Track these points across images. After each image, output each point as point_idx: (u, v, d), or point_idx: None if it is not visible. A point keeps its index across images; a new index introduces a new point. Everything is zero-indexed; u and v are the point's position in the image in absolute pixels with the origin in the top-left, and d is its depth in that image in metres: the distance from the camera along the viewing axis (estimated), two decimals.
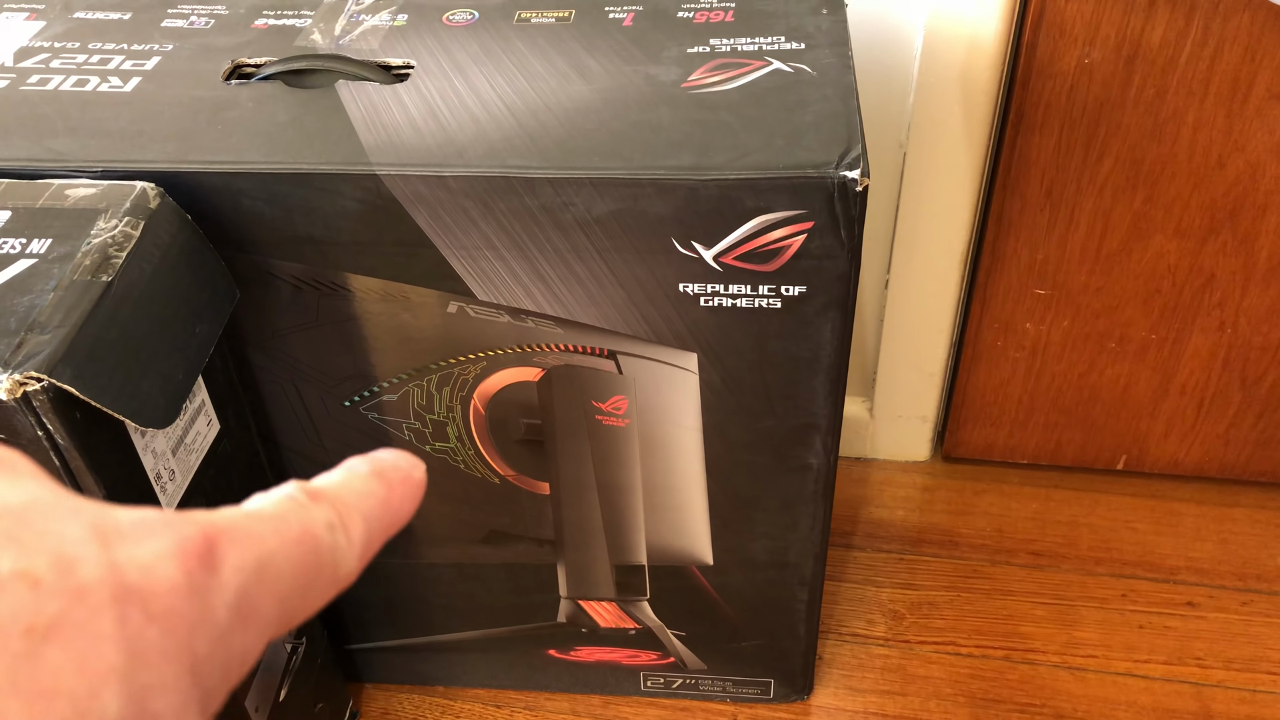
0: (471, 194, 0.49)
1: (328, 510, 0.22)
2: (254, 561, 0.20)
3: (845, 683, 0.79)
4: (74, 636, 0.17)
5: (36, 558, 0.17)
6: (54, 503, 0.19)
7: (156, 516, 0.19)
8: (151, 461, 0.47)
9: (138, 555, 0.18)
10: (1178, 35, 0.67)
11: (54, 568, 0.17)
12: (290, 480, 0.22)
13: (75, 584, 0.17)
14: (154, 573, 0.18)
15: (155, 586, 0.18)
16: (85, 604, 0.17)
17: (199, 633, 0.18)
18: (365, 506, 0.22)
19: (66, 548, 0.17)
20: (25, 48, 0.59)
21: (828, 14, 0.58)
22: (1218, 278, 0.79)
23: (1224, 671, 0.79)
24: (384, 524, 0.23)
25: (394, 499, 0.23)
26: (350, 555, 0.22)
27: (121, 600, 0.17)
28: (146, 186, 0.48)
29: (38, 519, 0.18)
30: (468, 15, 0.60)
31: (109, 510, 0.19)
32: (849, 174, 0.46)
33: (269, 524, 0.20)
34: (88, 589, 0.17)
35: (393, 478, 0.23)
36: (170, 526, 0.19)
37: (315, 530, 0.21)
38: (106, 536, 0.18)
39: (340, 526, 0.22)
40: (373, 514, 0.23)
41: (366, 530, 0.22)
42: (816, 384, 0.56)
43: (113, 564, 0.18)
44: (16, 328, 0.41)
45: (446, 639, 0.75)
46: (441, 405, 0.59)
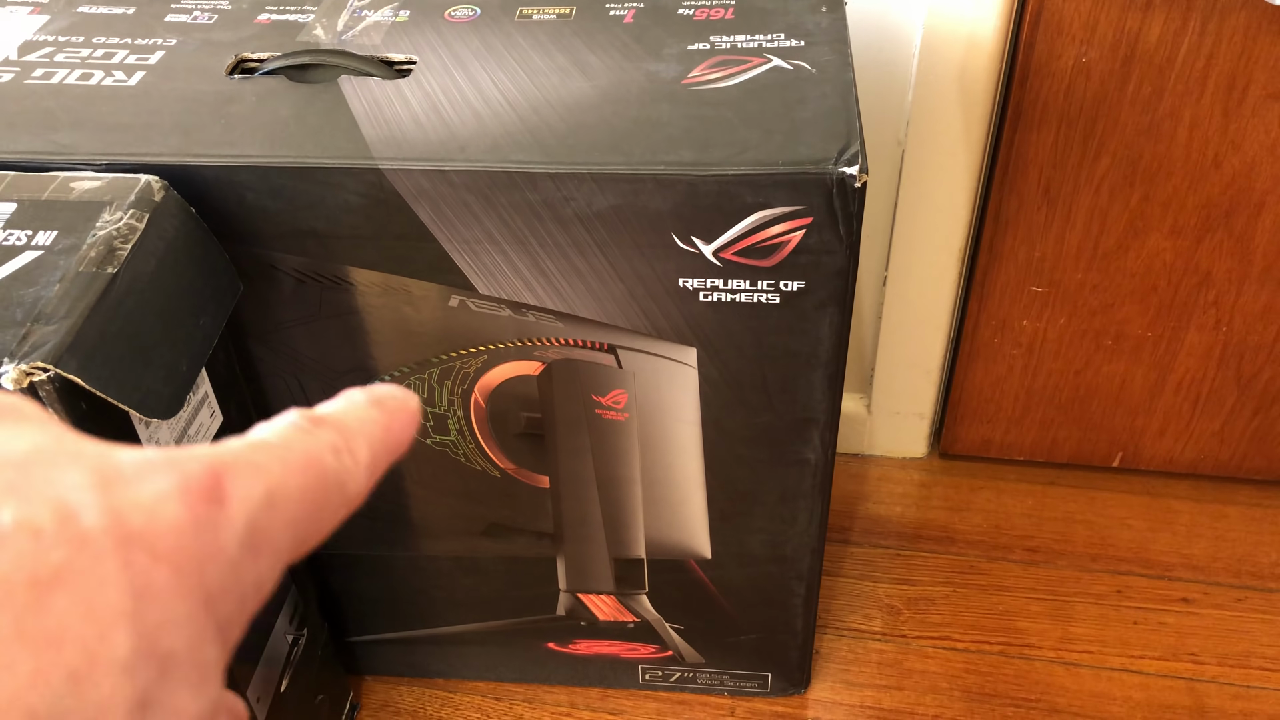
0: (473, 188, 0.49)
1: (332, 434, 0.22)
2: (262, 491, 0.20)
3: (842, 677, 0.80)
4: (79, 583, 0.17)
5: (38, 508, 0.17)
6: (56, 449, 0.19)
7: (160, 456, 0.19)
8: None
9: (140, 497, 0.18)
10: (1174, 34, 0.68)
11: (55, 517, 0.17)
12: (291, 409, 0.22)
13: (77, 532, 0.17)
14: (158, 513, 0.18)
15: (160, 527, 0.18)
16: (88, 551, 0.17)
17: (209, 567, 0.19)
18: (368, 430, 0.23)
19: (68, 495, 0.18)
20: (30, 41, 0.59)
21: (827, 11, 0.58)
22: (1213, 276, 0.80)
23: (1218, 667, 0.80)
24: (386, 448, 0.23)
25: (394, 425, 0.23)
26: (357, 476, 0.22)
27: (125, 544, 0.18)
28: (151, 179, 0.48)
29: (39, 467, 0.18)
30: (469, 11, 0.60)
31: (112, 452, 0.19)
32: (848, 170, 0.47)
33: (275, 452, 0.21)
34: (90, 536, 0.17)
35: (391, 405, 0.24)
36: (174, 465, 0.19)
37: (321, 454, 0.21)
38: (108, 481, 0.18)
39: (346, 449, 0.22)
40: (375, 438, 0.23)
41: (371, 453, 0.22)
42: (815, 379, 0.56)
43: (114, 509, 0.18)
44: (22, 319, 0.41)
45: (446, 632, 0.75)
46: (442, 399, 0.59)
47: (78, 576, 0.17)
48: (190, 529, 0.18)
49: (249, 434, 0.21)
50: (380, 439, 0.23)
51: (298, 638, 0.66)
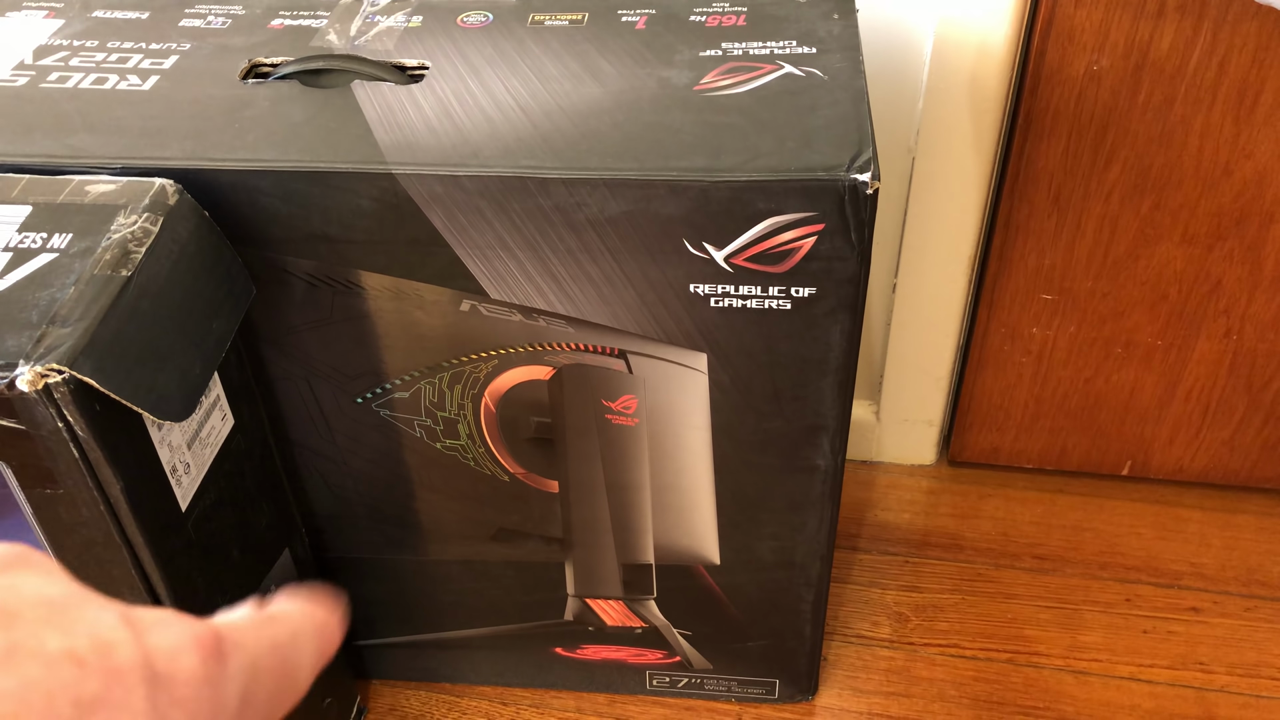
0: (486, 194, 0.49)
1: (286, 627, 0.25)
2: (249, 659, 0.23)
3: (850, 684, 0.79)
4: (112, 712, 0.19)
5: (80, 640, 0.19)
6: (84, 596, 0.21)
7: (170, 614, 0.22)
8: (167, 455, 0.48)
9: (163, 644, 0.21)
10: (1186, 43, 0.68)
11: (95, 650, 0.19)
12: (247, 603, 0.25)
13: (114, 665, 0.19)
14: (178, 661, 0.21)
15: (179, 674, 0.20)
16: (122, 683, 0.19)
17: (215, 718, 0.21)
18: (309, 631, 0.26)
19: (104, 633, 0.20)
20: (44, 45, 0.59)
21: (839, 19, 0.59)
22: (1224, 284, 0.79)
23: (1227, 676, 0.79)
24: (321, 653, 0.26)
25: (324, 638, 0.26)
26: (304, 670, 0.25)
27: (151, 683, 0.20)
28: (165, 183, 0.48)
29: (74, 608, 0.20)
30: (482, 17, 0.61)
31: (131, 606, 0.21)
32: (860, 177, 0.47)
33: (249, 633, 0.23)
34: (124, 670, 0.20)
35: (321, 620, 0.27)
36: (183, 622, 0.22)
37: (281, 641, 0.24)
38: (135, 625, 0.20)
39: (296, 643, 0.25)
40: (314, 639, 0.26)
41: (313, 652, 0.26)
42: (825, 385, 0.56)
43: (144, 649, 0.20)
44: (38, 321, 0.42)
45: (454, 636, 0.75)
46: (453, 403, 0.59)
47: (113, 705, 0.19)
48: (203, 680, 0.21)
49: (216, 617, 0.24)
50: (316, 644, 0.26)
51: None
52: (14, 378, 0.40)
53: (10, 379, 0.40)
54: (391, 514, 0.66)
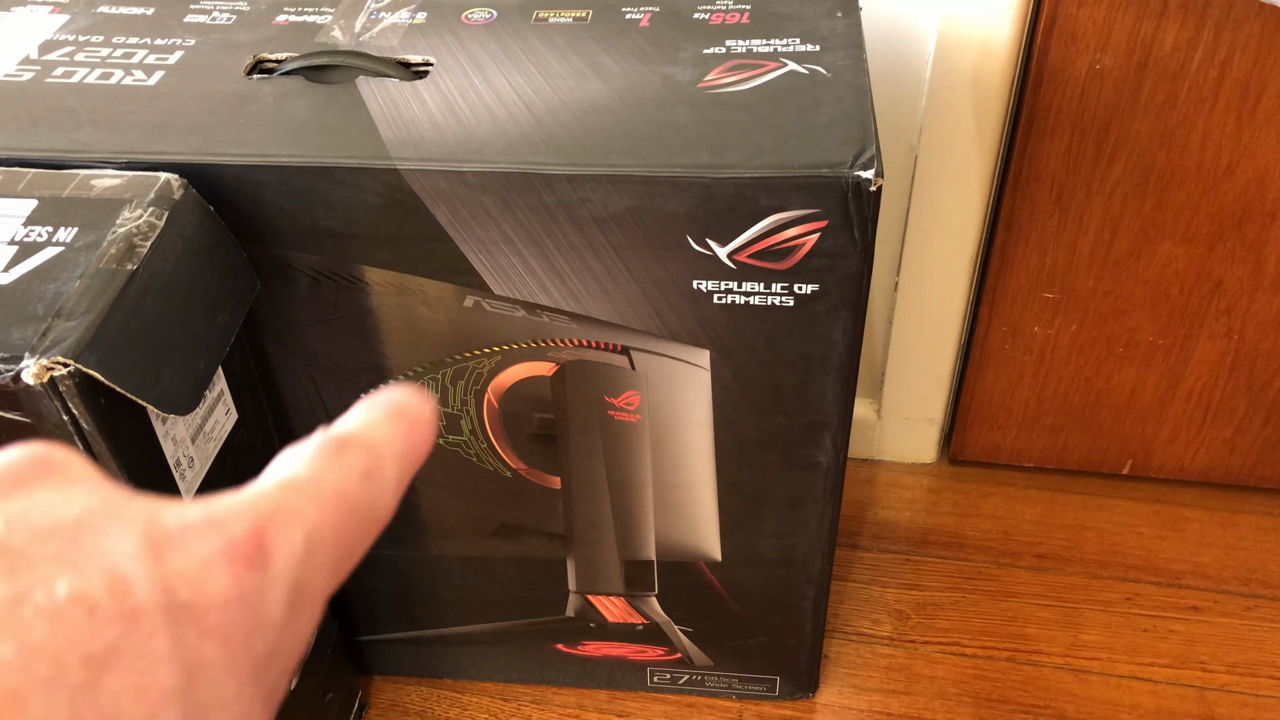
0: (490, 189, 0.50)
1: (360, 457, 0.21)
2: (302, 542, 0.20)
3: (850, 681, 0.80)
4: (131, 662, 0.17)
5: (92, 579, 0.17)
6: (105, 512, 0.18)
7: (204, 516, 0.19)
8: (171, 448, 0.48)
9: (189, 566, 0.18)
10: (1188, 42, 0.68)
11: (109, 590, 0.17)
12: (318, 430, 0.22)
13: (130, 607, 0.17)
14: (206, 584, 0.18)
15: (208, 599, 0.18)
16: (141, 628, 0.17)
17: (255, 637, 0.19)
18: (393, 446, 0.22)
19: (120, 566, 0.17)
20: (50, 41, 0.60)
21: (842, 17, 0.59)
22: (1225, 284, 0.79)
23: (1227, 675, 0.80)
24: (411, 461, 0.23)
25: (416, 435, 0.23)
26: (387, 497, 0.22)
27: (176, 619, 0.18)
28: (170, 178, 0.48)
29: (89, 535, 0.18)
30: (486, 14, 0.61)
31: (159, 512, 0.19)
32: (863, 174, 0.47)
33: (309, 493, 0.20)
34: (142, 611, 0.17)
35: (411, 415, 0.23)
36: (218, 527, 0.19)
37: (352, 484, 0.21)
38: (157, 547, 0.18)
39: (375, 471, 0.22)
40: (400, 452, 0.23)
41: (398, 469, 0.22)
42: (827, 382, 0.56)
43: (165, 581, 0.18)
44: (44, 314, 0.42)
45: (455, 632, 0.75)
46: (456, 399, 0.59)
47: (130, 655, 0.17)
48: (237, 600, 0.18)
49: (277, 468, 0.21)
50: (405, 453, 0.23)
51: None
52: (19, 370, 0.40)
53: (16, 372, 0.40)
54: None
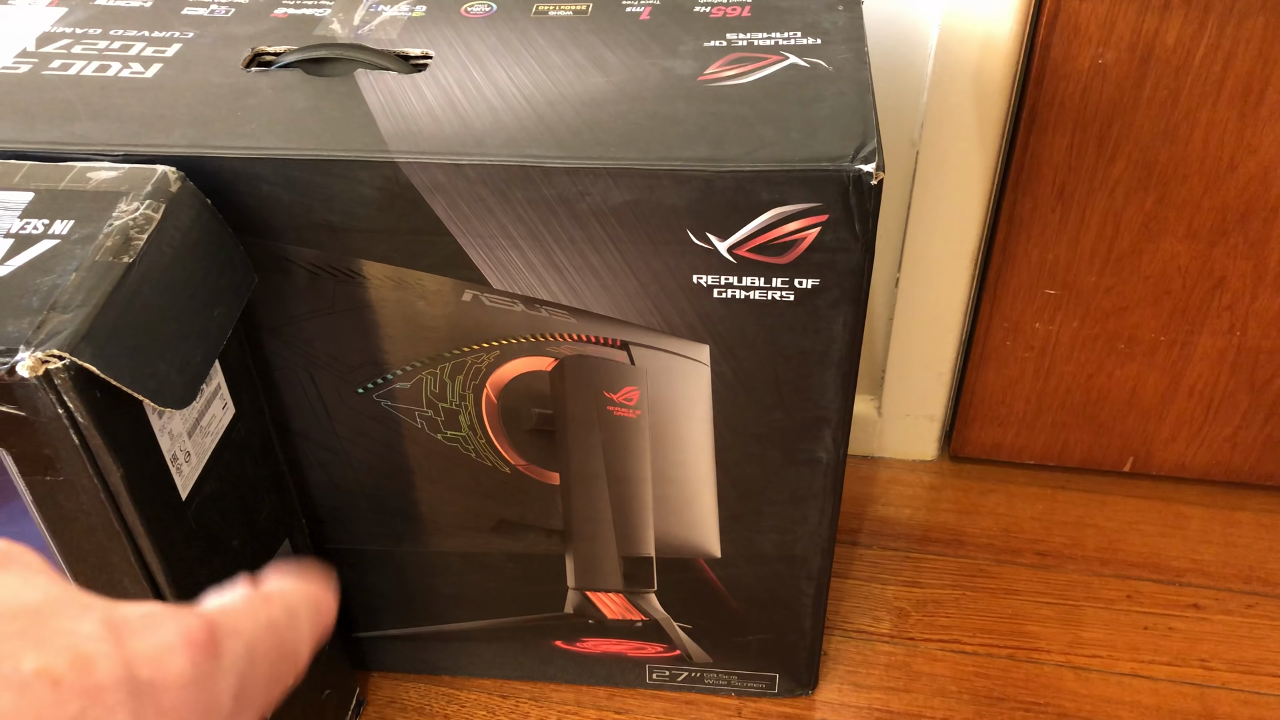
0: (489, 183, 0.49)
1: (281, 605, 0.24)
2: (245, 646, 0.21)
3: (850, 678, 0.79)
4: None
5: (56, 656, 0.18)
6: (67, 599, 0.20)
7: (160, 609, 0.21)
8: (168, 443, 0.48)
9: (148, 648, 0.19)
10: (1192, 37, 0.68)
11: (73, 666, 0.18)
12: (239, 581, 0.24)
13: (93, 682, 0.18)
14: (164, 665, 0.19)
15: (166, 679, 0.19)
16: (103, 702, 0.18)
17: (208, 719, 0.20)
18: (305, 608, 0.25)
19: (83, 645, 0.19)
20: (48, 33, 0.59)
21: (844, 10, 0.58)
22: (1228, 280, 0.79)
23: (1228, 673, 0.79)
24: (318, 629, 0.25)
25: (320, 614, 0.26)
26: (302, 647, 0.24)
27: (135, 696, 0.19)
28: (167, 170, 0.48)
29: (53, 617, 0.19)
30: (486, 7, 0.60)
31: (116, 604, 0.20)
32: (864, 167, 0.47)
33: (245, 614, 0.22)
34: (104, 687, 0.18)
35: (317, 597, 0.26)
36: (174, 618, 0.20)
37: (278, 621, 0.23)
38: (118, 631, 0.19)
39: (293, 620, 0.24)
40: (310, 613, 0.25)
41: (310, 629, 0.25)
42: (828, 378, 0.56)
43: (126, 660, 0.19)
44: (39, 307, 0.41)
45: (453, 628, 0.75)
46: (454, 394, 0.59)
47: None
48: (193, 682, 0.20)
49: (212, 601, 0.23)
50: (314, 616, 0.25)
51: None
52: (14, 363, 0.40)
53: (11, 365, 0.40)
54: (392, 505, 0.66)
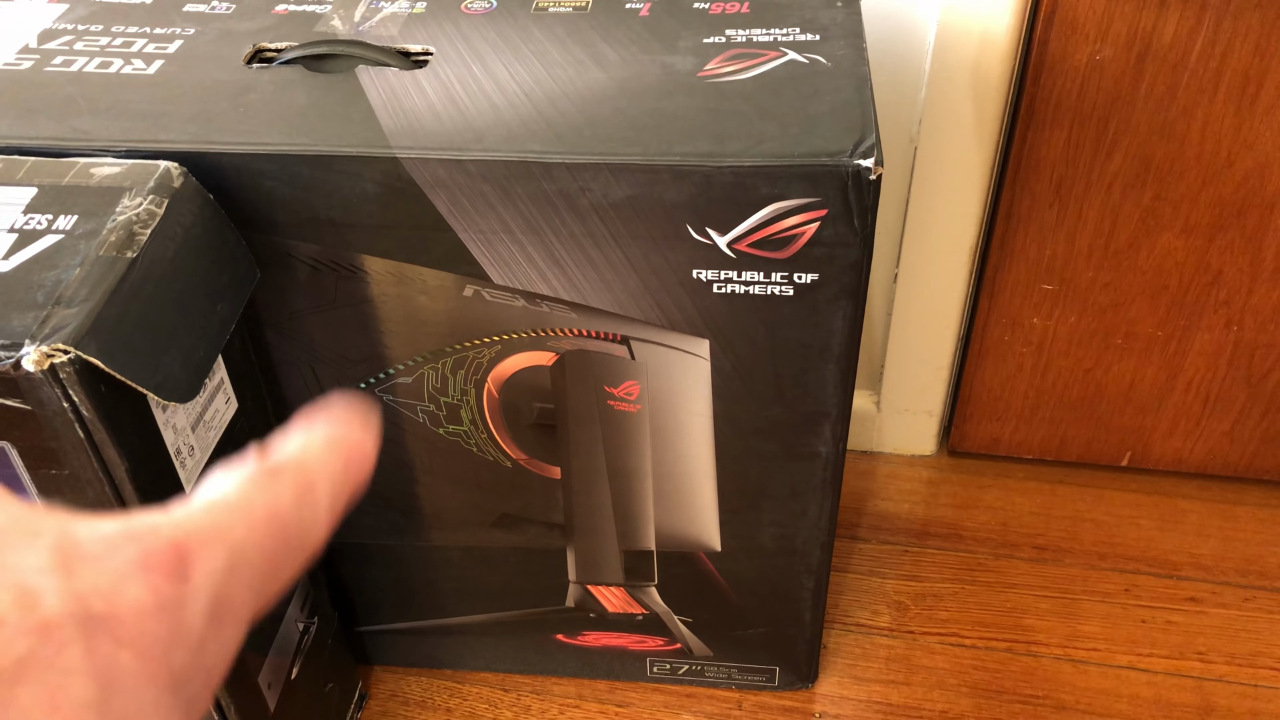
0: (490, 178, 0.50)
1: (292, 483, 0.21)
2: (225, 559, 0.19)
3: (850, 672, 0.80)
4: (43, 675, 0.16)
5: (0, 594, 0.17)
6: (13, 529, 0.18)
7: (121, 531, 0.18)
8: (172, 437, 0.48)
9: (101, 579, 0.18)
10: (1189, 33, 0.68)
11: (17, 604, 0.17)
12: (250, 452, 0.22)
13: (39, 620, 0.17)
14: (120, 596, 0.18)
15: (122, 610, 0.18)
16: (52, 640, 0.17)
17: (174, 648, 0.18)
18: (327, 474, 0.22)
19: (28, 579, 0.17)
20: (49, 29, 0.59)
21: (842, 6, 0.59)
22: (1225, 275, 0.80)
23: (1225, 666, 0.80)
24: (345, 491, 0.23)
25: (352, 466, 0.23)
26: (318, 524, 0.22)
27: (88, 631, 0.17)
28: (170, 166, 0.48)
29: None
30: (486, 3, 0.61)
31: (71, 527, 0.18)
32: (863, 162, 0.47)
33: (236, 512, 0.20)
34: (53, 624, 0.17)
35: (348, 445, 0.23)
36: (135, 540, 0.18)
37: (283, 507, 0.21)
38: (69, 561, 0.18)
39: (306, 498, 0.21)
40: (334, 481, 0.22)
41: (331, 498, 0.22)
42: (827, 372, 0.56)
43: (76, 593, 0.17)
44: (44, 301, 0.42)
45: (455, 622, 0.76)
46: (455, 388, 0.59)
47: (42, 668, 0.17)
48: (153, 610, 0.18)
49: (208, 490, 0.21)
50: (339, 482, 0.22)
51: (308, 625, 0.67)
52: (20, 357, 0.40)
53: (16, 359, 0.40)
54: (394, 499, 0.66)
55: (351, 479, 0.23)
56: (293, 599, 0.64)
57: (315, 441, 0.23)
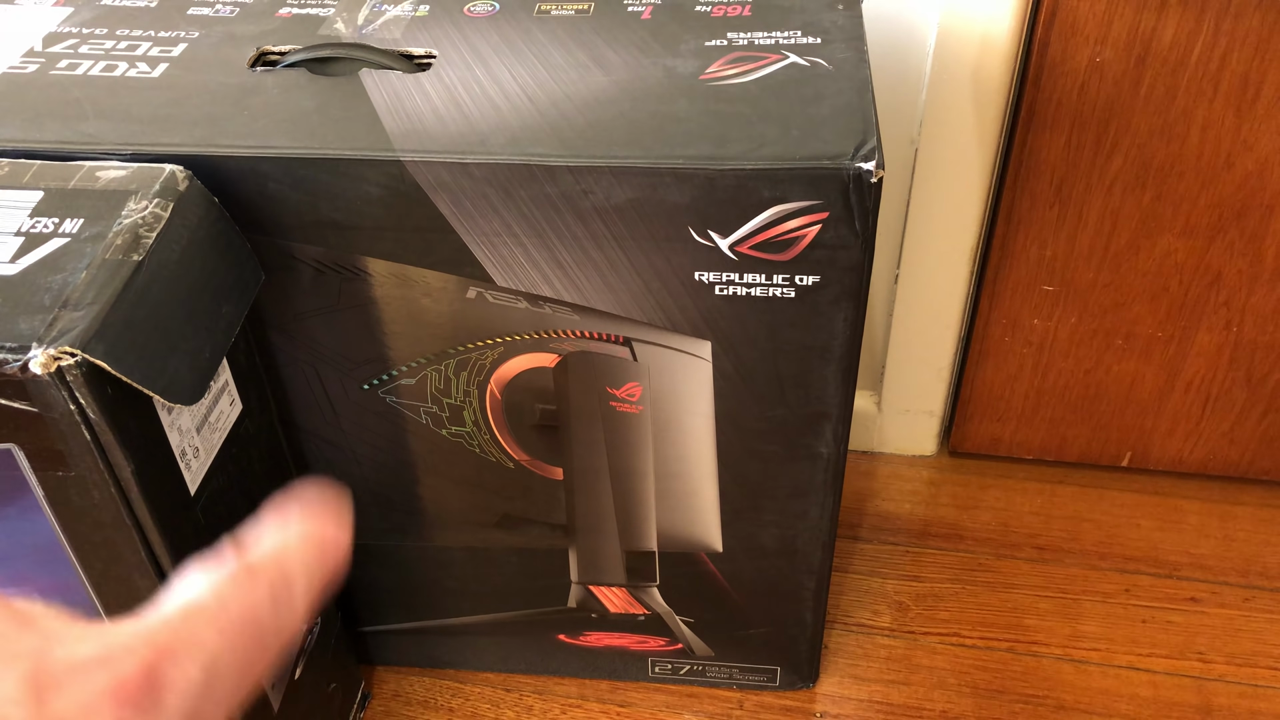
0: (493, 181, 0.50)
1: (269, 583, 0.22)
2: (200, 672, 0.19)
3: (850, 671, 0.80)
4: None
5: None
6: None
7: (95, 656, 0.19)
8: (177, 439, 0.48)
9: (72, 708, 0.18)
10: (1188, 35, 0.68)
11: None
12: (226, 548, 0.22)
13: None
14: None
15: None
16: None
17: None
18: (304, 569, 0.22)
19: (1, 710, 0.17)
20: (54, 33, 0.60)
21: (843, 9, 0.59)
22: (1224, 276, 0.80)
23: (1225, 666, 0.80)
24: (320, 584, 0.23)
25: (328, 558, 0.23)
26: (294, 618, 0.22)
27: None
28: (175, 169, 0.49)
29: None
30: (488, 7, 0.61)
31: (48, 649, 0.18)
32: (864, 165, 0.47)
33: (213, 619, 0.20)
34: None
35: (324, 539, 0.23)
36: (108, 665, 0.18)
37: (259, 608, 0.21)
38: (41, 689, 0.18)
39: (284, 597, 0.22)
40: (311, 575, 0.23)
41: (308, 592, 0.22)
42: (828, 373, 0.56)
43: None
44: (50, 304, 0.42)
45: (457, 622, 0.76)
46: (459, 390, 0.60)
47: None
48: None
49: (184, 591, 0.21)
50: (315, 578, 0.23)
51: (312, 626, 0.67)
52: (27, 360, 0.40)
53: (24, 361, 0.40)
54: (397, 500, 0.67)
55: (326, 572, 0.23)
56: None
57: (290, 537, 0.23)
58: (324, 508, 0.24)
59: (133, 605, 0.51)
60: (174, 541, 0.49)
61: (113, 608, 0.52)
